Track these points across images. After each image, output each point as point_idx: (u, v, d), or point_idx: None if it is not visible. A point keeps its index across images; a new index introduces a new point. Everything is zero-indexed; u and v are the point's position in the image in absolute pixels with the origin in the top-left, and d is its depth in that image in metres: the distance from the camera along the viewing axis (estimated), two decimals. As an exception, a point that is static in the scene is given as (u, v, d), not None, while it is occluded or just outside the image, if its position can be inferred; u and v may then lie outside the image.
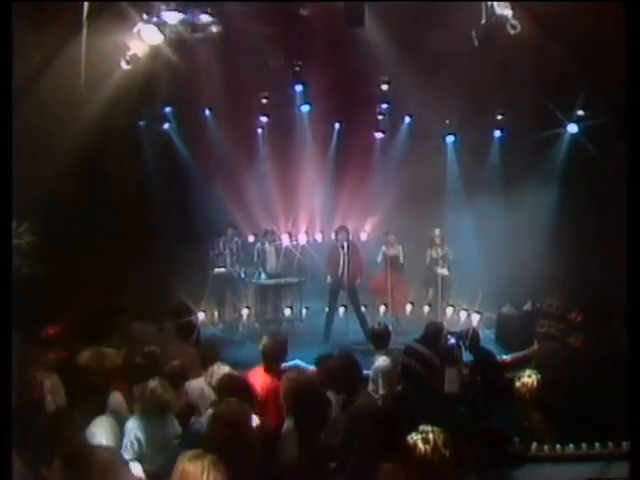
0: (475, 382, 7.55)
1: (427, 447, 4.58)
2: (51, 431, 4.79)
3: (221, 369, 6.85)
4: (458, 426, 5.53)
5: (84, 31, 7.89)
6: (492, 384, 7.44)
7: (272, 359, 6.59)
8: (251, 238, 14.11)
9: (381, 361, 7.49)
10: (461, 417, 6.69)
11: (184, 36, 9.14)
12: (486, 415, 6.64)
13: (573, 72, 11.02)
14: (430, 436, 4.63)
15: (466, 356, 8.28)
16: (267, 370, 6.54)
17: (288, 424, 5.30)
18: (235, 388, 5.54)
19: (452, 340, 8.00)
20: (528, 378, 6.44)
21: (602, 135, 11.27)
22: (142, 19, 8.77)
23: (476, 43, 8.96)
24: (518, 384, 6.44)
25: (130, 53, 10.56)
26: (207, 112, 13.99)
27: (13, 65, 4.69)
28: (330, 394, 5.53)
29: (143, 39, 9.16)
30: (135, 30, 8.95)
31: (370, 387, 7.39)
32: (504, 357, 10.61)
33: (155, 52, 9.64)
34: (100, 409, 5.62)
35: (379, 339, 7.75)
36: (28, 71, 9.10)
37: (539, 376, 6.47)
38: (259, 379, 6.36)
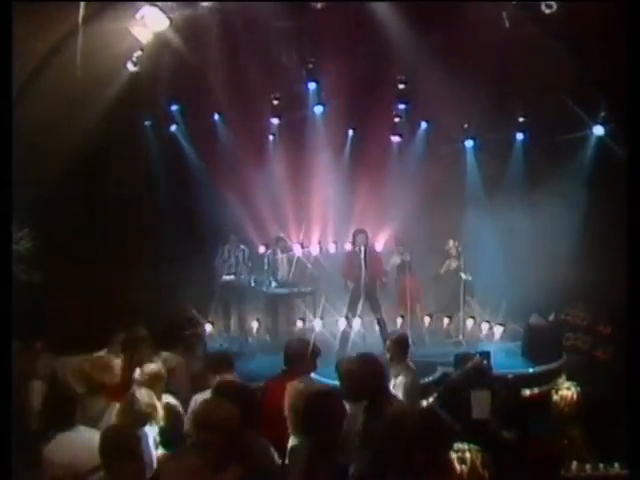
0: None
1: (464, 467, 4.12)
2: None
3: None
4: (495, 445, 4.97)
5: (79, 22, 7.39)
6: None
7: (297, 365, 5.76)
8: (262, 249, 13.53)
9: (398, 381, 6.49)
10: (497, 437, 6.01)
11: (190, 20, 8.63)
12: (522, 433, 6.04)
13: (598, 72, 10.56)
14: (467, 455, 4.20)
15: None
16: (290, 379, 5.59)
17: (293, 442, 4.66)
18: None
19: (480, 360, 7.21)
20: (567, 391, 5.89)
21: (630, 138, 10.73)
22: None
23: (507, 24, 8.48)
24: (556, 397, 5.88)
25: (137, 54, 10.25)
26: (216, 116, 13.50)
27: (13, 64, 4.50)
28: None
29: (147, 25, 8.63)
30: (139, 16, 8.44)
31: None
32: (530, 370, 10.10)
33: (161, 41, 9.15)
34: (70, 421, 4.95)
35: (397, 350, 6.72)
36: (28, 69, 8.66)
37: (578, 388, 5.91)
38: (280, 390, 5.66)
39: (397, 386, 6.38)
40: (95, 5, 7.74)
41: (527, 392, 9.11)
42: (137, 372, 5.79)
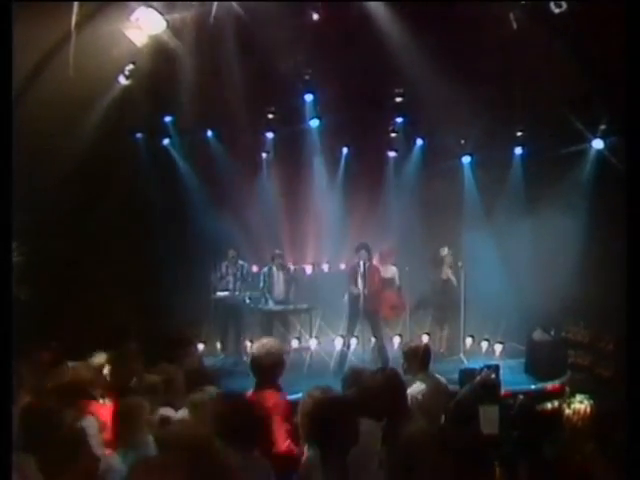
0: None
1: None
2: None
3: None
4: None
5: (72, 25, 7.15)
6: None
7: (267, 374, 5.43)
8: (255, 268, 13.24)
9: (414, 387, 6.07)
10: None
11: (185, 28, 8.39)
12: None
13: (598, 84, 10.43)
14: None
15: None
16: (263, 389, 5.42)
17: (310, 453, 4.35)
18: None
19: (488, 373, 6.90)
20: (580, 404, 5.63)
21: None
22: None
23: (514, 25, 8.33)
24: (569, 411, 5.64)
25: (129, 67, 10.07)
26: (209, 132, 13.30)
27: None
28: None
29: (142, 28, 8.37)
30: (133, 18, 8.18)
31: None
32: (532, 387, 9.84)
33: (156, 46, 8.90)
34: None
35: (415, 359, 6.30)
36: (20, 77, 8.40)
37: (591, 401, 5.66)
38: (265, 401, 5.31)
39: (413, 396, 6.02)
40: (90, 7, 7.49)
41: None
42: (133, 381, 5.51)
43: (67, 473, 3.87)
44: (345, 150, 14.09)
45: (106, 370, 6.29)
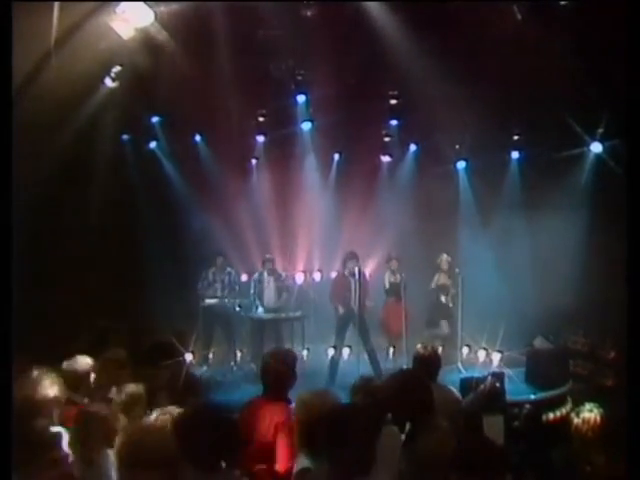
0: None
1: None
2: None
3: None
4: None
5: (55, 18, 6.84)
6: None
7: (277, 383, 5.08)
8: (244, 277, 12.93)
9: None
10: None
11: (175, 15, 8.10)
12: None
13: (597, 87, 10.23)
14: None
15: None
16: (271, 399, 5.05)
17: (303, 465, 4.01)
18: None
19: (493, 382, 6.57)
20: (589, 413, 5.34)
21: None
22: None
23: (519, 17, 8.12)
24: (577, 421, 5.34)
25: (116, 69, 9.81)
26: (197, 137, 13.03)
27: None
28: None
29: (129, 21, 8.04)
30: (120, 10, 7.85)
31: None
32: (532, 397, 9.53)
33: (143, 40, 8.59)
34: None
35: (427, 368, 5.74)
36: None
37: (601, 410, 5.36)
38: (261, 413, 4.93)
39: None
40: (77, 5, 7.21)
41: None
42: (114, 391, 5.15)
43: None
44: (337, 156, 13.93)
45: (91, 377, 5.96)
